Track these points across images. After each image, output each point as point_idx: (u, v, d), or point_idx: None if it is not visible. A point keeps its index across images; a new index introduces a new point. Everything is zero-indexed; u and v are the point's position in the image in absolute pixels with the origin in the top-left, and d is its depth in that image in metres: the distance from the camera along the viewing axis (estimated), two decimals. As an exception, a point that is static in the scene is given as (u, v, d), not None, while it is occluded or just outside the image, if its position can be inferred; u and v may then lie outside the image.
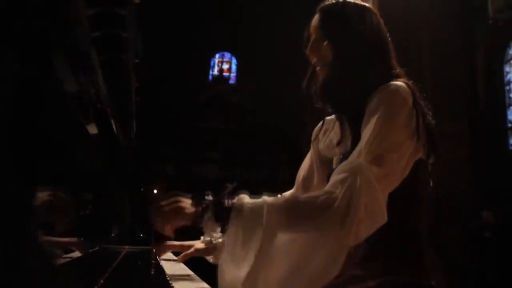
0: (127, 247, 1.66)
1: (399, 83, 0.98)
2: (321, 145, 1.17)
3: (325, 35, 1.07)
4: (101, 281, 0.86)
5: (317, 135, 1.21)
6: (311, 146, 1.24)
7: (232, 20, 14.52)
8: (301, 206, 0.81)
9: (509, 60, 9.41)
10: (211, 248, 1.28)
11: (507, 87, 9.35)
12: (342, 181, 0.82)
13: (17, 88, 0.65)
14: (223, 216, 0.83)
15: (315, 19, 1.10)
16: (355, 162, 0.86)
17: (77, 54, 0.77)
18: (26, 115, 0.79)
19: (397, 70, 1.05)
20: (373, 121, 0.92)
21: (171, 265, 1.38)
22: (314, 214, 0.79)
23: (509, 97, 9.31)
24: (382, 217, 0.81)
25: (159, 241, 1.42)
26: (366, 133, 0.91)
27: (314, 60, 1.10)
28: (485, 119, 8.85)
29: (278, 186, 1.49)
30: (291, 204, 0.82)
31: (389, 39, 1.09)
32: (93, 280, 0.85)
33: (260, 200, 0.84)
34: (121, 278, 1.02)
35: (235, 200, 0.85)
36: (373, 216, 0.80)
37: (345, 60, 1.03)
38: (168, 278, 0.99)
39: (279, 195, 1.27)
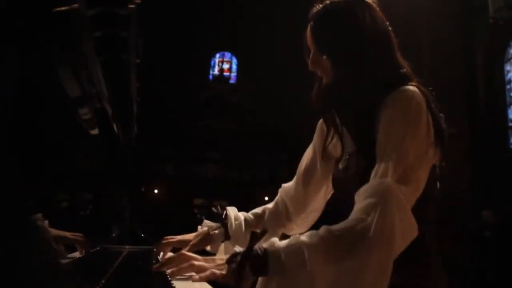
0: (128, 247, 1.66)
1: (412, 88, 0.95)
2: (326, 142, 1.16)
3: (320, 48, 1.05)
4: (102, 281, 0.86)
5: (322, 129, 1.20)
6: (314, 138, 1.23)
7: (232, 20, 14.53)
8: (338, 241, 0.78)
9: (509, 59, 9.42)
10: (209, 239, 1.28)
11: (508, 86, 9.35)
12: (373, 206, 0.80)
13: (18, 88, 0.65)
14: (261, 267, 0.78)
15: (308, 30, 1.07)
16: (383, 184, 0.84)
17: (78, 54, 0.77)
18: (26, 116, 0.79)
19: (405, 69, 1.01)
20: (393, 136, 0.89)
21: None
22: (353, 246, 0.77)
23: (510, 96, 9.31)
24: (414, 234, 0.82)
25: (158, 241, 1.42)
26: (388, 149, 0.88)
27: (319, 72, 1.08)
28: (485, 119, 8.86)
29: (278, 186, 1.50)
30: (329, 241, 0.78)
31: (390, 29, 1.04)
32: (94, 280, 0.85)
33: (293, 242, 0.79)
34: (122, 278, 1.02)
35: (267, 246, 0.79)
36: (406, 236, 0.80)
37: (344, 65, 1.00)
38: (169, 278, 0.99)
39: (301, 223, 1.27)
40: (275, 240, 0.81)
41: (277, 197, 1.35)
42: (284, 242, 0.80)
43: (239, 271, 0.78)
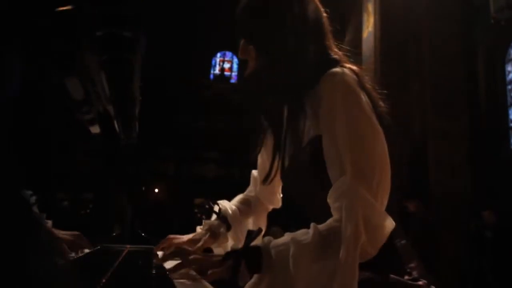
0: (128, 246, 1.67)
1: (339, 69, 0.91)
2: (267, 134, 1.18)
3: (246, 38, 1.04)
4: (103, 281, 0.86)
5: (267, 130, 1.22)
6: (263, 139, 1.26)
7: (233, 19, 14.53)
8: (324, 242, 0.80)
9: (510, 60, 9.41)
10: (215, 238, 1.30)
11: (509, 87, 9.35)
12: (340, 210, 0.81)
13: (19, 89, 0.66)
14: (254, 265, 0.81)
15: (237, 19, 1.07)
16: (342, 187, 0.84)
17: (80, 55, 0.78)
18: (27, 115, 0.79)
19: (335, 55, 0.98)
20: (340, 132, 0.87)
21: (173, 264, 1.38)
22: (332, 246, 0.79)
23: (511, 97, 9.31)
24: (390, 225, 0.82)
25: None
26: (338, 147, 0.87)
27: (249, 60, 1.07)
28: (486, 119, 8.85)
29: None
30: (315, 243, 0.80)
31: (324, 17, 1.01)
32: (95, 279, 0.85)
33: (285, 241, 0.82)
34: (123, 277, 1.02)
35: (260, 245, 0.83)
36: (375, 229, 0.81)
37: (266, 55, 0.99)
38: (170, 277, 0.99)
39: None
40: (270, 238, 0.84)
41: (251, 183, 1.39)
42: (277, 241, 0.83)
43: (234, 267, 0.81)
